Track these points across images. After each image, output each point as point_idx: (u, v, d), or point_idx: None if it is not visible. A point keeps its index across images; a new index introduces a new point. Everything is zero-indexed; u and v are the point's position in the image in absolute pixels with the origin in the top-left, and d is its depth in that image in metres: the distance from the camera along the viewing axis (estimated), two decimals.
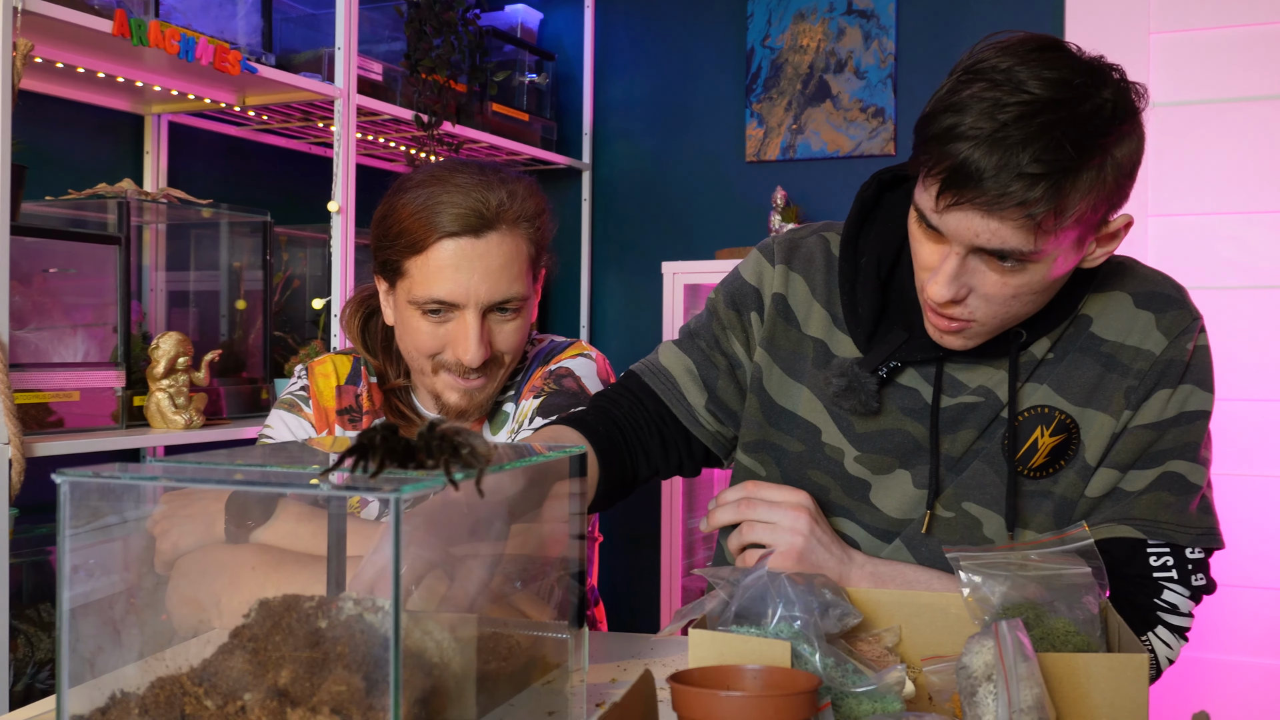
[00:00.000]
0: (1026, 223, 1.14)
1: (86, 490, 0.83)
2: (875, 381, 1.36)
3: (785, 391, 1.45)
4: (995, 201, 1.14)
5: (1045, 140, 1.12)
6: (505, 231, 1.58)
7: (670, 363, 1.50)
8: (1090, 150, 1.14)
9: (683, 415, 1.48)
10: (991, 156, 1.13)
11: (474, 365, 1.59)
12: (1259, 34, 2.94)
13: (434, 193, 1.57)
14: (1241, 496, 2.90)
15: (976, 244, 1.18)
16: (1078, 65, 1.17)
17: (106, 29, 2.06)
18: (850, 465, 1.41)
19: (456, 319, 1.59)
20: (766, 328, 1.46)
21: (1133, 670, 0.99)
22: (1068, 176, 1.13)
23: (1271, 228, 2.93)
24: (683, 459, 1.51)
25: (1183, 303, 1.36)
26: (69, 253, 2.18)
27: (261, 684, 0.79)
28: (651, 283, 3.43)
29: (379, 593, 0.91)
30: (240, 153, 2.98)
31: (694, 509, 3.31)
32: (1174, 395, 1.32)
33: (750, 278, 1.48)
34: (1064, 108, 1.13)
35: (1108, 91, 1.16)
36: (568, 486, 1.09)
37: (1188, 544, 1.31)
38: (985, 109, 1.14)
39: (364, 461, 0.84)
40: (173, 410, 2.22)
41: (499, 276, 1.57)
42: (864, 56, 3.33)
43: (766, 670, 0.96)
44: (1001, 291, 1.22)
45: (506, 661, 1.00)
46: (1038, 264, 1.20)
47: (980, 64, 1.19)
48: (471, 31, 3.04)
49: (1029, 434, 1.34)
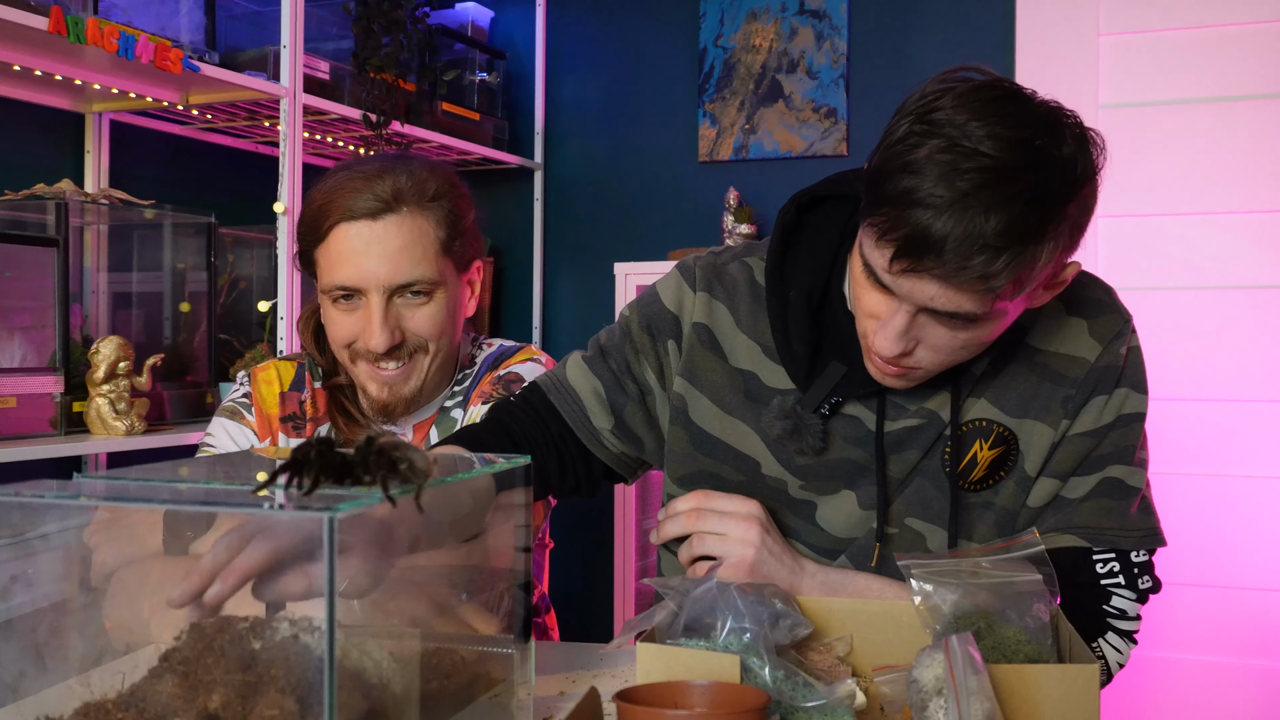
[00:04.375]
0: (985, 294, 1.12)
1: (7, 510, 0.80)
2: (820, 421, 1.34)
3: (717, 424, 1.41)
4: (955, 274, 1.11)
5: (1009, 212, 1.08)
6: (406, 214, 1.57)
7: (578, 382, 1.44)
8: (1054, 219, 1.10)
9: (586, 438, 1.44)
10: (952, 228, 1.08)
11: (380, 350, 1.57)
12: (1207, 36, 2.97)
13: (337, 182, 1.58)
14: (1187, 496, 2.93)
15: (929, 306, 1.16)
16: (1037, 121, 1.11)
17: (42, 26, 2.01)
18: (794, 491, 1.40)
19: (363, 305, 1.58)
20: (686, 358, 1.41)
21: (1084, 681, 0.98)
22: (1029, 248, 1.10)
23: (1218, 228, 2.96)
24: (580, 480, 1.46)
25: (1113, 306, 1.36)
26: (5, 255, 2.12)
27: (191, 709, 0.77)
28: (604, 283, 3.40)
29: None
30: (184, 152, 2.93)
31: (648, 512, 3.29)
32: (1110, 400, 1.32)
33: (670, 303, 1.43)
34: (1027, 175, 1.09)
35: (1067, 149, 1.12)
36: (510, 498, 1.07)
37: (1132, 547, 1.32)
38: (943, 174, 1.09)
39: (299, 478, 0.81)
40: (114, 416, 2.18)
41: (399, 259, 1.57)
42: (816, 57, 3.32)
43: (715, 686, 0.94)
44: (950, 344, 1.21)
45: (449, 679, 0.98)
46: (991, 321, 1.18)
47: (934, 114, 1.12)
48: (421, 30, 3.00)
49: (968, 448, 1.34)
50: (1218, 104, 2.96)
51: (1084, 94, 3.05)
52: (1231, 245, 2.94)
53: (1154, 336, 2.97)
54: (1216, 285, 2.95)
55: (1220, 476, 2.93)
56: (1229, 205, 2.94)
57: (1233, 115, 2.94)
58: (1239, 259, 2.93)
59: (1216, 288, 2.95)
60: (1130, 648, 1.33)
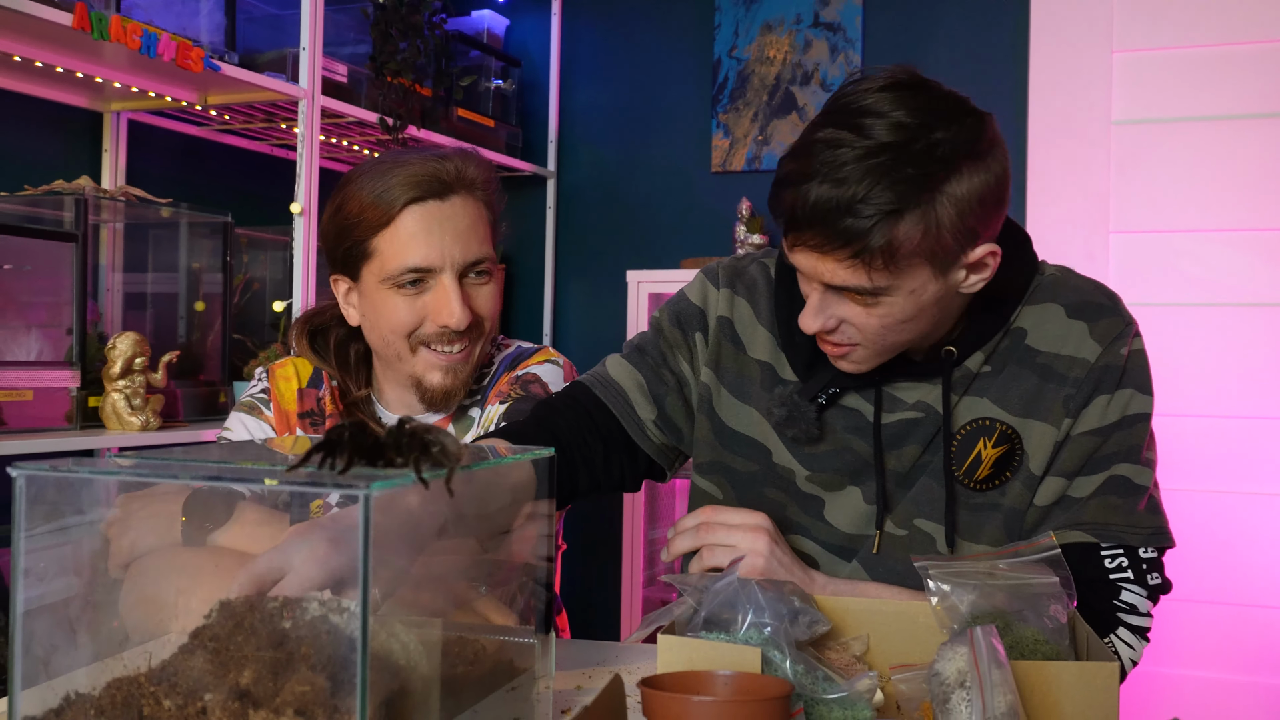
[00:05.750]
0: (857, 263, 1.19)
1: (43, 484, 0.80)
2: (815, 409, 1.39)
3: (734, 413, 1.46)
4: (824, 245, 1.20)
5: (868, 183, 1.16)
6: (466, 195, 1.60)
7: (620, 376, 1.49)
8: (916, 191, 1.17)
9: (632, 429, 1.48)
10: (821, 201, 1.18)
11: (461, 326, 1.57)
12: (1219, 54, 2.98)
13: (388, 170, 1.59)
14: (1202, 511, 2.93)
15: (825, 281, 1.24)
16: (921, 106, 1.20)
17: (67, 22, 2.02)
18: (802, 483, 1.43)
19: (435, 286, 1.58)
20: (711, 349, 1.47)
21: (1103, 678, 0.98)
22: (889, 219, 1.17)
23: (1230, 245, 2.96)
24: (625, 473, 1.50)
25: (1115, 310, 1.38)
26: (24, 250, 2.13)
27: (223, 684, 0.77)
28: (616, 291, 3.41)
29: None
30: (200, 153, 2.94)
31: (656, 520, 3.29)
32: (1113, 400, 1.34)
33: (696, 299, 1.50)
34: (890, 151, 1.17)
35: (942, 131, 1.18)
36: (536, 491, 1.07)
37: (1139, 544, 1.34)
38: (823, 154, 1.19)
39: (331, 458, 0.82)
40: (129, 411, 2.18)
41: (469, 236, 1.59)
42: (830, 69, 3.33)
43: (738, 676, 0.95)
44: (868, 322, 1.26)
45: (472, 666, 0.98)
46: (894, 297, 1.24)
47: (831, 107, 1.23)
48: (438, 35, 3.02)
49: (971, 447, 1.36)
50: (1230, 121, 2.97)
51: (1097, 110, 3.07)
52: (1243, 261, 2.95)
53: (1166, 352, 2.98)
54: (1228, 302, 2.96)
55: (1232, 493, 2.93)
56: (1241, 222, 2.95)
57: (1244, 132, 2.95)
58: (1251, 275, 2.94)
59: (1228, 304, 2.96)
60: (1143, 645, 1.34)
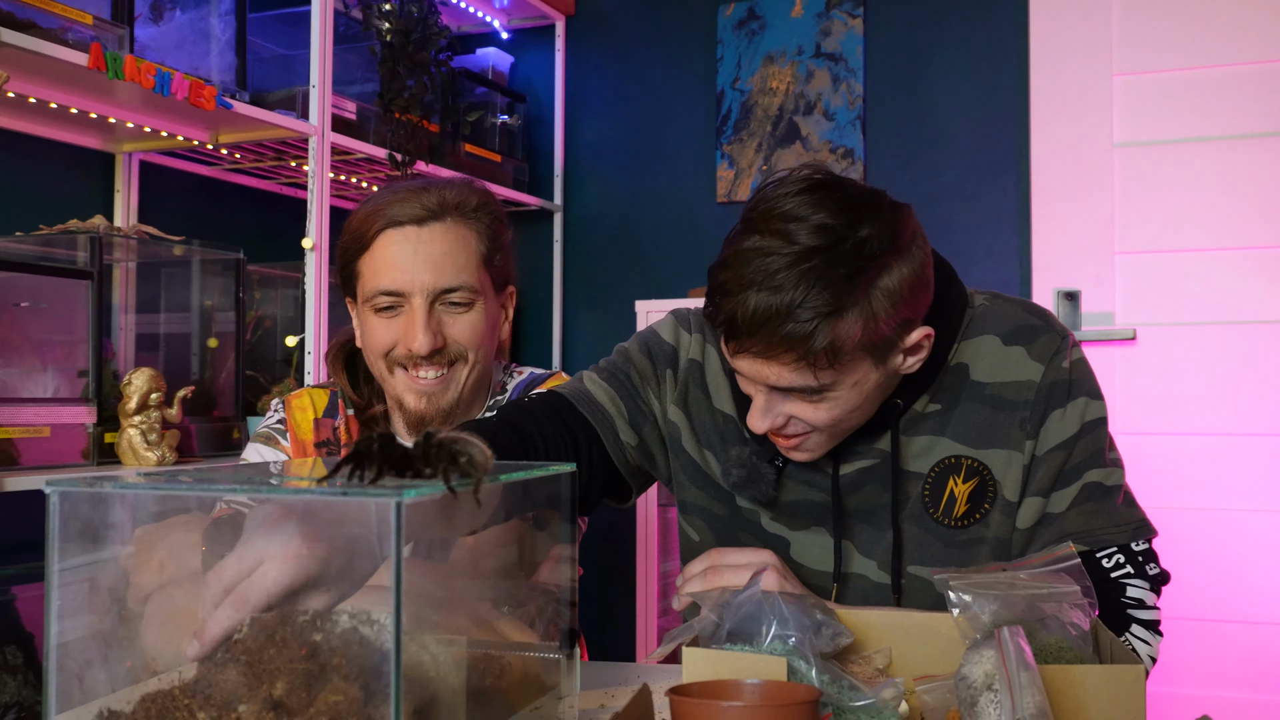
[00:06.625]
0: (801, 365, 1.22)
1: (76, 501, 0.81)
2: (774, 471, 1.40)
3: (701, 456, 1.48)
4: (767, 351, 1.22)
5: (804, 288, 1.19)
6: (449, 223, 1.62)
7: (603, 399, 1.47)
8: (850, 290, 1.20)
9: (613, 450, 1.46)
10: (760, 309, 1.20)
11: (422, 352, 1.59)
12: (1218, 75, 3.00)
13: (380, 196, 1.64)
14: (1208, 530, 2.92)
15: (770, 384, 1.26)
16: (842, 205, 1.22)
17: (82, 62, 2.05)
18: (767, 524, 1.45)
19: (406, 310, 1.61)
20: (680, 389, 1.48)
21: (1130, 681, 0.98)
22: (829, 319, 1.20)
23: (1234, 264, 2.97)
24: (589, 490, 1.47)
25: (1048, 328, 1.40)
26: (40, 288, 2.15)
27: (256, 695, 0.78)
28: (623, 323, 3.42)
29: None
30: (211, 193, 2.97)
31: (668, 553, 3.28)
32: (1067, 412, 1.36)
33: (668, 337, 1.51)
34: (819, 254, 1.20)
35: (867, 228, 1.21)
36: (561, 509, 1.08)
37: (1128, 540, 1.36)
38: (754, 261, 1.22)
39: (360, 470, 0.83)
40: (145, 447, 2.19)
41: (443, 263, 1.60)
42: (833, 98, 3.36)
43: (765, 684, 0.95)
44: (816, 416, 1.29)
45: (499, 681, 0.99)
46: (838, 391, 1.26)
47: (751, 214, 1.26)
48: (444, 72, 3.05)
49: (943, 487, 1.38)
50: (1230, 142, 2.99)
51: (1098, 133, 3.09)
52: (1248, 279, 2.96)
53: (1171, 371, 2.99)
54: (1235, 320, 2.96)
55: (1244, 510, 2.92)
56: (1245, 240, 2.96)
57: (1246, 151, 2.97)
58: (1256, 292, 2.95)
59: (1235, 322, 2.97)
60: (1158, 640, 1.35)
